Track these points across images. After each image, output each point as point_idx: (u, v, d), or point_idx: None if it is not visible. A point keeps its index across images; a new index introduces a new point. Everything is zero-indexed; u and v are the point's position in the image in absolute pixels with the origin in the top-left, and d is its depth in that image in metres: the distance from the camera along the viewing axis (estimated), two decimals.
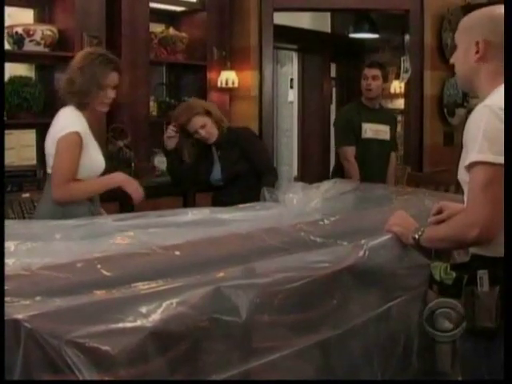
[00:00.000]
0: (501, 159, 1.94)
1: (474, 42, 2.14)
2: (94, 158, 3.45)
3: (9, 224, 2.56)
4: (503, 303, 2.00)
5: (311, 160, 8.45)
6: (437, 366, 2.37)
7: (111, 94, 3.54)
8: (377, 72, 5.38)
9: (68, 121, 3.36)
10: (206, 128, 4.18)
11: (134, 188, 3.50)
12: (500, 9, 2.15)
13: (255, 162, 4.23)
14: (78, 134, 3.30)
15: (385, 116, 5.53)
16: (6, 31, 4.83)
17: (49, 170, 3.41)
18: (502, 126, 1.95)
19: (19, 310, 1.57)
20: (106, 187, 3.51)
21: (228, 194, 4.15)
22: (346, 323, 2.23)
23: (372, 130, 5.35)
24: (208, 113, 4.19)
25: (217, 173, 4.31)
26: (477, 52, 2.14)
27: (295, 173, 8.58)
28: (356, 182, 3.85)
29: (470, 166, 2.02)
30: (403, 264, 2.37)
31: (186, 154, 4.32)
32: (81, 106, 3.42)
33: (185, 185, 4.83)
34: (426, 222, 2.45)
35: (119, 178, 3.52)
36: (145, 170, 5.39)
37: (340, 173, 5.27)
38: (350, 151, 5.26)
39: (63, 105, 3.47)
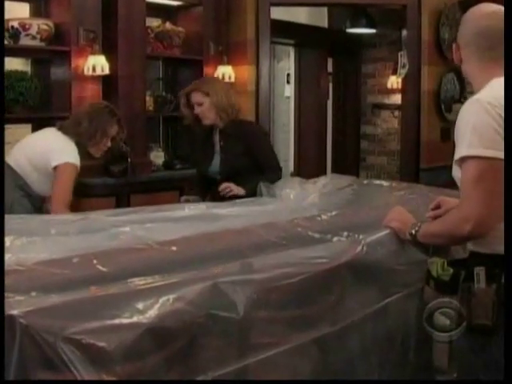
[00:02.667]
0: (491, 152, 1.92)
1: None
2: None
3: (7, 219, 2.55)
4: (504, 302, 1.99)
5: (308, 155, 8.44)
6: (433, 362, 2.36)
7: (108, 143, 4.10)
8: None
9: (70, 151, 3.87)
10: (202, 107, 4.05)
11: None
12: (474, 9, 2.19)
13: (260, 159, 4.05)
14: (77, 167, 3.87)
15: None
16: None
17: (15, 167, 3.75)
18: (490, 120, 1.94)
19: (14, 305, 1.56)
20: None
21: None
22: (344, 319, 2.22)
23: None
24: (207, 94, 4.05)
25: (216, 165, 4.15)
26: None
27: (292, 168, 8.56)
28: (352, 178, 3.82)
29: (461, 161, 2.00)
30: (401, 260, 2.36)
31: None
32: (78, 145, 3.91)
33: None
34: (423, 218, 2.45)
35: None
36: (141, 164, 5.37)
37: None
38: None
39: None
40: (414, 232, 2.27)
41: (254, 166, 4.03)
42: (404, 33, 6.45)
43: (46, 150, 3.77)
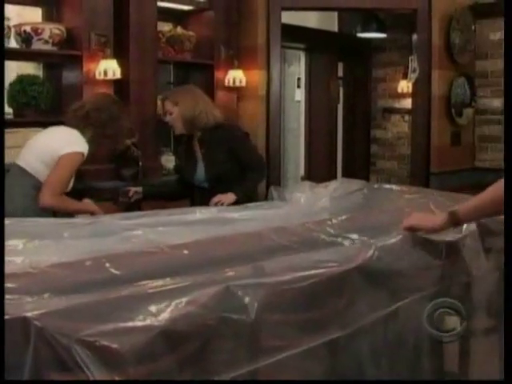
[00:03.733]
0: None
1: None
2: (72, 178, 3.75)
3: (16, 222, 2.57)
4: (504, 301, 1.97)
5: (318, 159, 8.43)
6: (444, 366, 2.36)
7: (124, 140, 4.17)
8: None
9: (78, 140, 3.70)
10: (171, 116, 4.08)
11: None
12: None
13: (243, 161, 4.04)
14: (83, 155, 3.68)
15: None
16: (14, 30, 4.83)
17: (26, 167, 3.65)
18: None
19: (28, 307, 1.57)
20: (82, 211, 3.81)
21: (213, 197, 3.90)
22: (354, 323, 2.22)
23: None
24: (176, 104, 4.06)
25: (200, 173, 4.12)
26: None
27: (302, 172, 8.55)
28: (363, 182, 3.82)
29: None
30: (412, 264, 2.36)
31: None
32: (90, 140, 3.76)
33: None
34: None
35: (91, 207, 3.81)
36: (152, 168, 5.39)
37: None
38: None
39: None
40: (455, 210, 2.19)
41: (239, 169, 4.03)
42: (414, 37, 6.45)
43: (52, 144, 3.68)
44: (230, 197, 3.79)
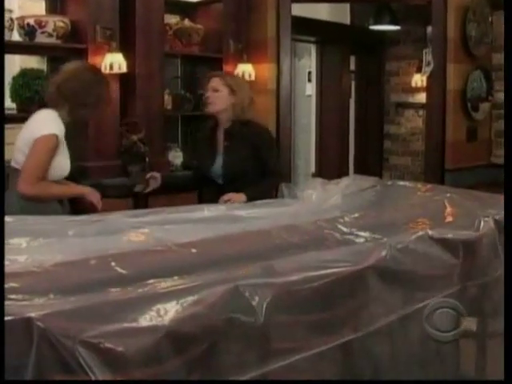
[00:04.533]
0: None
1: None
2: (62, 161, 3.64)
3: (20, 220, 2.57)
4: (504, 301, 1.95)
5: (330, 156, 8.41)
6: (460, 368, 2.35)
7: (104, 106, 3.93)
8: None
9: (49, 123, 3.57)
10: (216, 94, 4.00)
11: (97, 199, 3.69)
12: None
13: (265, 164, 3.98)
14: (56, 136, 3.52)
15: None
16: (17, 22, 4.83)
17: (16, 165, 3.57)
18: None
19: (32, 308, 1.57)
20: (72, 195, 3.74)
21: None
22: (368, 325, 2.21)
23: None
24: (232, 91, 3.99)
25: (218, 167, 4.04)
26: None
27: (313, 168, 8.54)
28: (375, 178, 3.80)
29: None
30: (429, 264, 2.34)
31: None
32: (70, 113, 3.65)
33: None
34: (446, 220, 2.42)
35: (86, 190, 3.73)
36: (159, 164, 5.38)
37: None
38: None
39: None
40: None
41: (257, 170, 3.97)
42: (429, 29, 6.42)
43: (28, 133, 3.59)
44: (241, 197, 3.74)
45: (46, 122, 3.58)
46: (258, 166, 3.98)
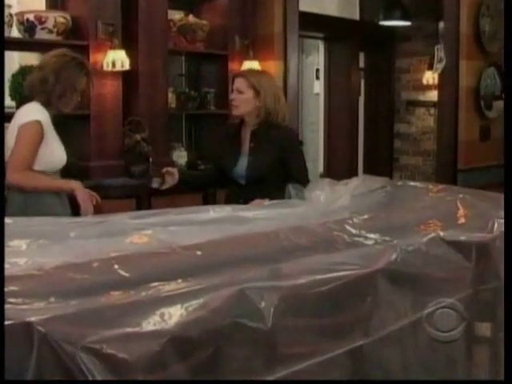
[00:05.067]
0: None
1: None
2: (55, 150, 3.66)
3: (19, 221, 2.57)
4: (504, 301, 1.95)
5: (338, 155, 8.41)
6: (473, 374, 2.35)
7: (78, 97, 3.85)
8: None
9: (31, 111, 3.61)
10: (241, 96, 3.94)
11: (85, 198, 3.61)
12: None
13: (291, 170, 3.92)
14: (39, 122, 3.54)
15: None
16: (16, 18, 4.84)
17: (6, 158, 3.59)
18: None
19: (32, 312, 1.57)
20: (59, 188, 3.67)
21: (248, 197, 3.71)
22: (379, 330, 2.21)
23: None
24: (257, 93, 3.92)
25: (241, 168, 4.00)
26: None
27: (321, 169, 8.55)
28: (385, 179, 3.79)
29: None
30: (441, 267, 2.34)
31: None
32: (47, 104, 3.64)
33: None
34: (459, 222, 2.41)
35: (75, 185, 3.65)
36: (163, 165, 5.37)
37: None
38: None
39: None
40: None
41: (281, 175, 3.90)
42: (441, 25, 6.42)
43: (13, 128, 3.61)
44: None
45: (28, 111, 3.62)
46: (283, 171, 3.93)
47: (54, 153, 3.64)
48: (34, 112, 3.58)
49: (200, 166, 5.72)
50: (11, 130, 3.61)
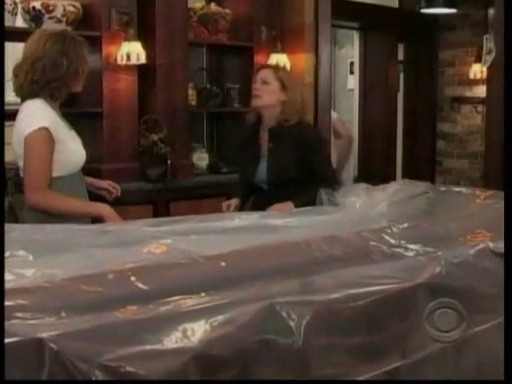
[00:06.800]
0: None
1: None
2: (72, 150, 3.57)
3: (27, 229, 2.60)
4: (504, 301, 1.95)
5: (374, 157, 8.40)
6: None
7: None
8: None
9: (33, 117, 3.47)
10: (266, 87, 3.98)
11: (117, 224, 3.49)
12: None
13: (315, 169, 3.94)
14: (45, 129, 3.41)
15: None
16: (21, 6, 4.85)
17: (21, 173, 3.51)
18: None
19: (43, 328, 1.59)
20: (86, 213, 3.57)
21: (272, 203, 3.72)
22: (419, 350, 2.21)
23: None
24: (284, 86, 3.97)
25: (262, 171, 4.02)
26: None
27: (356, 172, 8.54)
28: (427, 184, 3.78)
29: None
30: (490, 281, 2.33)
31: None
32: (55, 97, 3.55)
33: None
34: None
35: (103, 209, 3.51)
36: (182, 168, 5.41)
37: None
38: None
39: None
40: None
41: (307, 176, 3.93)
42: (490, 12, 6.38)
43: (17, 132, 3.51)
44: (289, 206, 3.69)
45: (31, 116, 3.48)
46: (308, 172, 3.95)
47: (72, 153, 3.58)
48: (35, 118, 3.46)
49: (222, 169, 5.73)
50: (18, 140, 3.50)
